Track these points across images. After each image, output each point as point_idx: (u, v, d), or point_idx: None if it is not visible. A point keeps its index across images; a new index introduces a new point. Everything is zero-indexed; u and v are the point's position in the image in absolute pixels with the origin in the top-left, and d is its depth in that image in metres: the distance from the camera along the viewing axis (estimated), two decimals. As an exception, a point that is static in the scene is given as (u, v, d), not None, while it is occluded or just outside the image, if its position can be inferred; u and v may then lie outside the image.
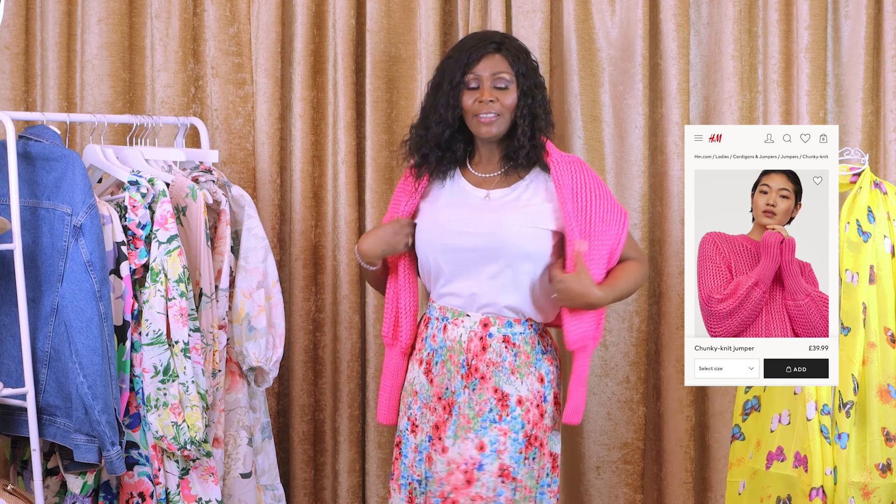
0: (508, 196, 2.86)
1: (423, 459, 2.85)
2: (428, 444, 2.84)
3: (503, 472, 2.77)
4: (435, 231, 2.86)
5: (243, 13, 3.64)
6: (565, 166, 2.85)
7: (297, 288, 3.67)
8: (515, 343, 2.84)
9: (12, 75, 3.51)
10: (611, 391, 3.63)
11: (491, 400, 2.80)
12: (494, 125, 2.83)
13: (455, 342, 2.84)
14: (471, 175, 2.91)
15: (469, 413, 2.80)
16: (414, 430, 2.88)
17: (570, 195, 2.82)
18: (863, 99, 3.45)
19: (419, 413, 2.87)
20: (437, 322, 2.88)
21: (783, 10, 3.48)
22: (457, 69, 2.84)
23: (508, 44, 2.87)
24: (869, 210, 3.07)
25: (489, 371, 2.81)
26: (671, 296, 3.57)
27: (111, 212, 3.02)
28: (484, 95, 2.82)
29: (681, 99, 3.53)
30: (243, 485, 3.19)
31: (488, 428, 2.79)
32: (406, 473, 2.88)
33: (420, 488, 2.84)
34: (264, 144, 3.64)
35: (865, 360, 3.03)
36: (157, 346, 3.00)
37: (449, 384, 2.84)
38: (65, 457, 3.02)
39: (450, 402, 2.83)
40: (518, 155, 2.85)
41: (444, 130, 2.85)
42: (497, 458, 2.77)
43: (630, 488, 3.63)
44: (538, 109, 2.86)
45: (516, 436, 2.79)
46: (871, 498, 3.01)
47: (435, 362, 2.86)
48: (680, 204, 3.53)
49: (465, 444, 2.79)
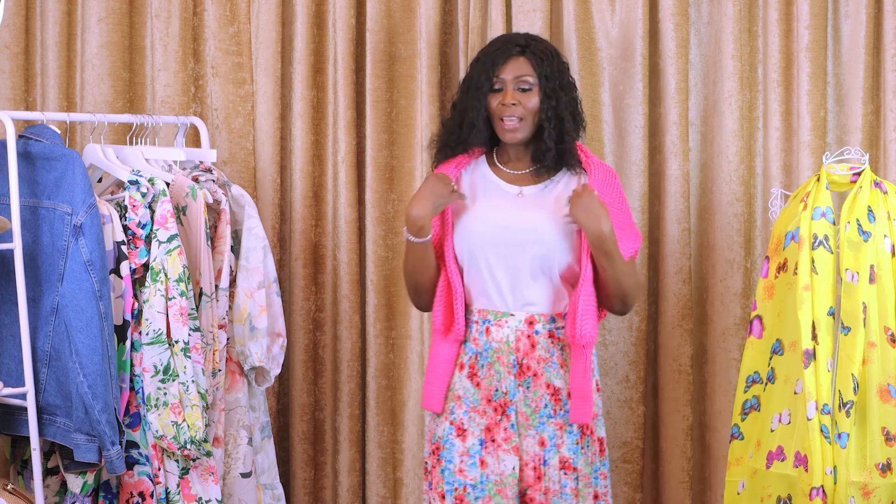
0: (542, 193, 2.89)
1: (477, 464, 2.85)
2: (480, 447, 2.86)
3: (564, 465, 2.84)
4: (475, 223, 2.87)
5: (243, 13, 3.64)
6: (602, 174, 2.89)
7: (297, 288, 3.67)
8: (560, 337, 2.87)
9: (12, 75, 3.51)
10: (610, 390, 3.63)
11: (545, 396, 2.85)
12: (519, 131, 2.86)
13: (502, 343, 2.85)
14: (501, 171, 2.93)
15: (526, 411, 2.85)
16: (461, 435, 2.87)
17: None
18: (863, 98, 3.45)
19: (466, 417, 2.87)
20: (476, 326, 2.88)
21: (783, 10, 3.48)
22: (482, 72, 2.87)
23: (534, 46, 2.89)
24: (869, 209, 3.07)
25: (540, 367, 2.85)
26: (668, 295, 3.57)
27: (111, 211, 3.02)
28: (507, 98, 2.84)
29: (679, 98, 3.53)
30: (243, 484, 3.20)
31: (546, 423, 2.85)
32: (452, 479, 2.86)
33: (475, 492, 2.85)
34: (264, 144, 3.64)
35: (865, 359, 3.03)
36: (158, 345, 3.00)
37: (499, 385, 2.85)
38: (65, 456, 3.02)
39: (502, 404, 2.85)
40: (545, 157, 2.87)
41: (472, 133, 2.88)
42: (557, 451, 2.84)
43: (629, 487, 3.64)
44: (564, 112, 2.87)
45: (571, 427, 2.85)
46: (871, 498, 3.00)
47: (480, 365, 2.87)
48: (677, 204, 3.54)
49: (528, 441, 2.85)
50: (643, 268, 3.60)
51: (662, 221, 3.59)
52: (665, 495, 3.63)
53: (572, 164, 2.90)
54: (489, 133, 2.91)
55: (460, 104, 2.92)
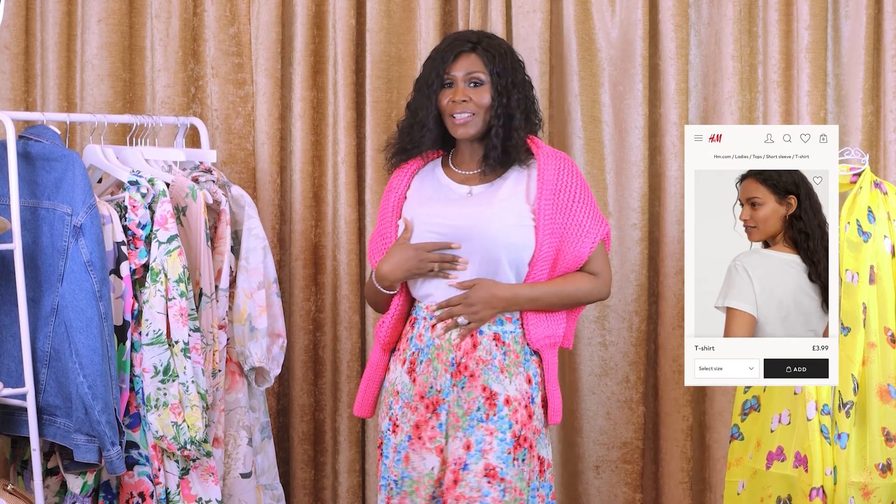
0: (490, 191, 2.85)
1: (402, 459, 2.81)
2: (407, 443, 2.81)
3: (489, 472, 2.73)
4: (418, 226, 2.84)
5: (243, 13, 3.64)
6: (553, 162, 2.84)
7: (297, 288, 3.67)
8: (505, 341, 2.81)
9: (12, 75, 3.51)
10: (610, 391, 3.63)
11: (479, 398, 2.77)
12: (470, 126, 2.82)
13: (444, 340, 2.81)
14: (453, 172, 2.90)
15: (458, 412, 2.78)
16: (395, 431, 2.83)
17: (550, 191, 2.81)
18: (863, 99, 3.45)
19: (400, 413, 2.83)
20: (424, 322, 2.84)
21: (783, 10, 3.48)
22: (432, 70, 2.84)
23: (486, 43, 2.86)
24: (869, 210, 3.07)
25: (479, 369, 2.78)
26: (668, 296, 3.57)
27: (111, 212, 3.02)
28: (457, 95, 2.81)
29: (679, 99, 3.53)
30: (243, 485, 3.20)
31: (475, 427, 2.76)
32: (386, 475, 2.84)
33: (396, 488, 2.81)
34: (264, 144, 3.64)
35: (865, 360, 3.03)
36: (157, 345, 3.00)
37: (434, 383, 2.80)
38: (65, 457, 3.02)
39: (434, 402, 2.79)
40: (491, 155, 2.84)
41: (423, 133, 2.85)
42: (482, 457, 2.74)
43: (629, 488, 3.64)
44: (515, 110, 2.84)
45: (503, 435, 2.75)
46: (871, 498, 3.01)
47: (419, 361, 2.82)
48: (677, 204, 3.54)
49: (455, 444, 2.77)
50: (643, 268, 3.60)
51: (662, 222, 3.59)
52: (665, 495, 3.63)
53: (520, 159, 2.85)
54: (439, 132, 2.86)
55: (413, 104, 2.89)
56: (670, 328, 3.57)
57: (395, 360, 2.88)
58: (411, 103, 2.90)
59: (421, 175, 2.93)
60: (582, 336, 3.65)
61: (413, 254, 2.81)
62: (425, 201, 2.87)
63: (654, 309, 3.64)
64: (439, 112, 2.85)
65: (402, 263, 2.82)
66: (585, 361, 3.65)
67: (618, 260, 3.60)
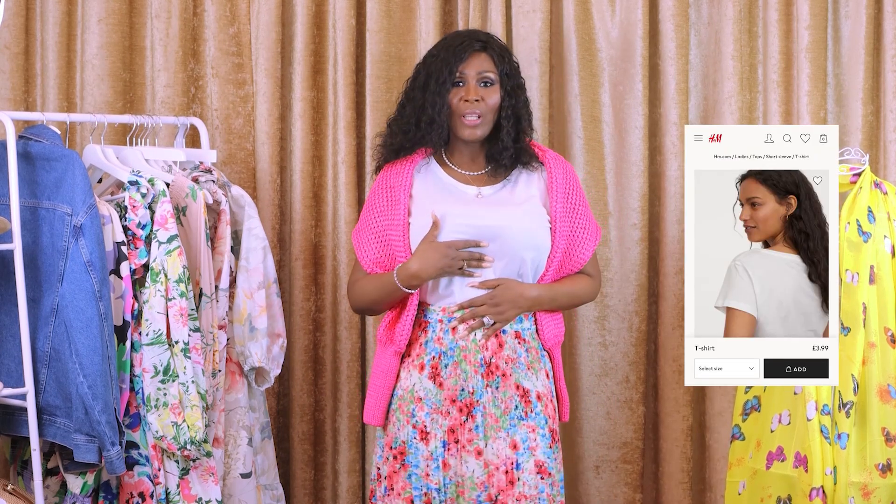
0: (501, 192, 2.86)
1: (440, 467, 2.78)
2: (443, 450, 2.78)
3: (540, 469, 2.76)
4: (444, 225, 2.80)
5: (243, 13, 3.64)
6: (561, 166, 2.88)
7: (297, 288, 3.67)
8: (525, 339, 2.83)
9: (12, 75, 3.51)
10: (610, 391, 3.63)
11: (515, 397, 2.78)
12: (479, 128, 2.82)
13: (469, 341, 2.80)
14: (455, 172, 2.89)
15: (495, 412, 2.77)
16: (424, 439, 2.79)
17: (562, 194, 2.85)
18: (863, 99, 3.45)
19: (428, 419, 2.79)
20: (441, 325, 2.82)
21: (783, 10, 3.48)
22: (443, 67, 2.81)
23: (493, 43, 2.86)
24: (869, 210, 3.07)
25: (509, 367, 2.79)
26: (668, 296, 3.57)
27: (111, 212, 3.02)
28: (469, 94, 2.80)
29: (679, 99, 3.53)
30: (243, 485, 3.20)
31: (517, 425, 2.77)
32: (419, 484, 2.78)
33: (439, 496, 2.77)
34: (264, 144, 3.64)
35: (865, 360, 3.03)
36: (157, 346, 3.00)
37: (465, 385, 2.78)
38: (65, 457, 3.02)
39: (468, 404, 2.77)
40: (502, 156, 2.84)
41: (432, 131, 2.82)
42: (532, 455, 2.76)
43: (629, 488, 3.64)
44: (521, 111, 2.86)
45: (543, 431, 2.79)
46: (871, 498, 3.01)
47: (444, 365, 2.80)
48: (677, 204, 3.54)
49: (499, 444, 2.76)
50: (643, 268, 3.60)
51: (662, 222, 3.59)
52: (665, 495, 3.63)
53: (528, 161, 2.87)
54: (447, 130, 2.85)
55: (416, 101, 2.84)
56: (670, 328, 3.58)
57: (409, 367, 2.84)
58: (412, 100, 2.85)
59: (422, 173, 2.91)
60: (582, 336, 3.65)
61: (445, 251, 2.77)
62: (439, 201, 2.84)
63: (654, 309, 3.64)
64: (449, 111, 2.83)
65: (436, 262, 2.77)
66: (585, 361, 3.65)
67: (618, 260, 3.61)
